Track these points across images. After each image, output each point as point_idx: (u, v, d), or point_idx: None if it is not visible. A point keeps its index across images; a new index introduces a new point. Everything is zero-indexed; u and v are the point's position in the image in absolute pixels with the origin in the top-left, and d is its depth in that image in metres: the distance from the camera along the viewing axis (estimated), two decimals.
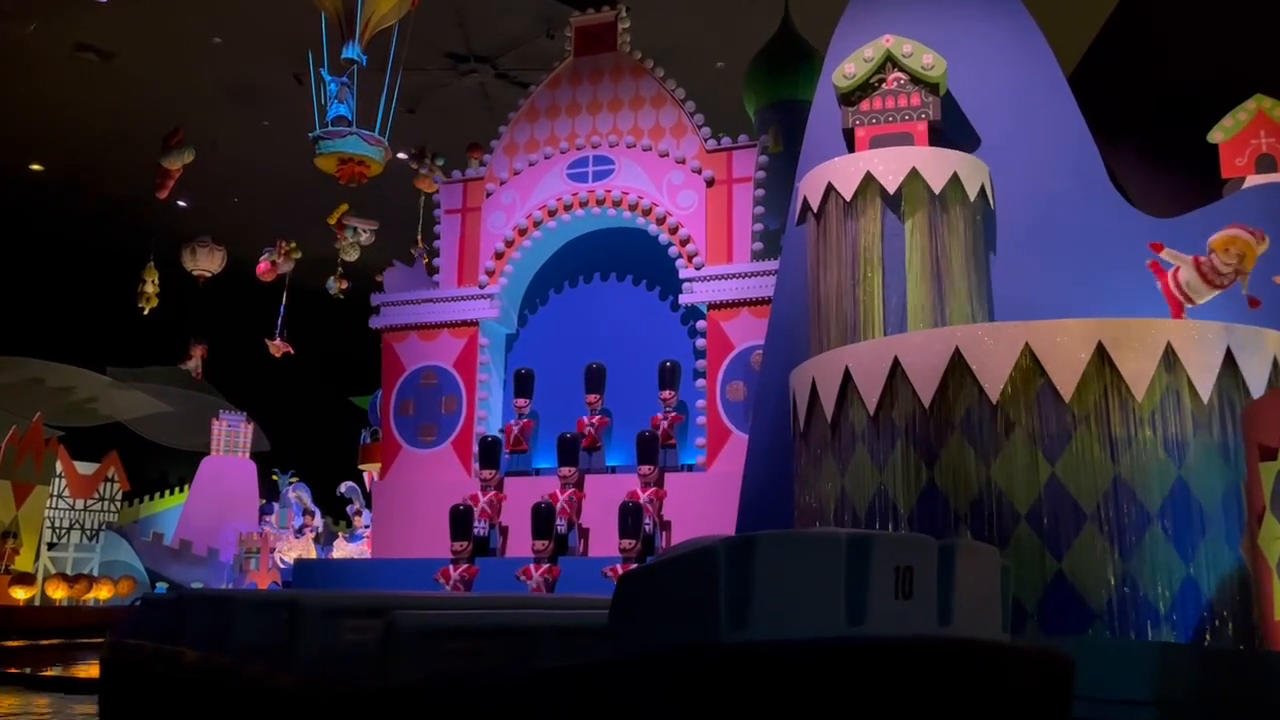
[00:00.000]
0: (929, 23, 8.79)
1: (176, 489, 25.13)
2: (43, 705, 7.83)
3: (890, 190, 8.11)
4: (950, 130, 8.58)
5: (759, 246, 10.90)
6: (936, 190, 8.06)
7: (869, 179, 8.16)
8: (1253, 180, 8.14)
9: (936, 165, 8.14)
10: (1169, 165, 8.87)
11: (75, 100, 19.89)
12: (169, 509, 24.71)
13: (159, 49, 18.41)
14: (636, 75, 11.70)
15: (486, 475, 10.97)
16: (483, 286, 11.76)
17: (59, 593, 18.76)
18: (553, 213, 11.64)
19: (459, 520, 10.42)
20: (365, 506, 17.46)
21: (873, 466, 6.94)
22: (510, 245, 11.78)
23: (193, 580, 20.42)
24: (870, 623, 2.55)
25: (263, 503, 22.19)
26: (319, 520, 19.32)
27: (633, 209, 11.33)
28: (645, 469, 10.39)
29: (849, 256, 8.20)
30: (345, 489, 18.15)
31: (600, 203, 11.45)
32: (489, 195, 12.00)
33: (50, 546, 20.95)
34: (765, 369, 9.24)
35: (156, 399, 25.87)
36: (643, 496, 10.20)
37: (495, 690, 2.67)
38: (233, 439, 23.88)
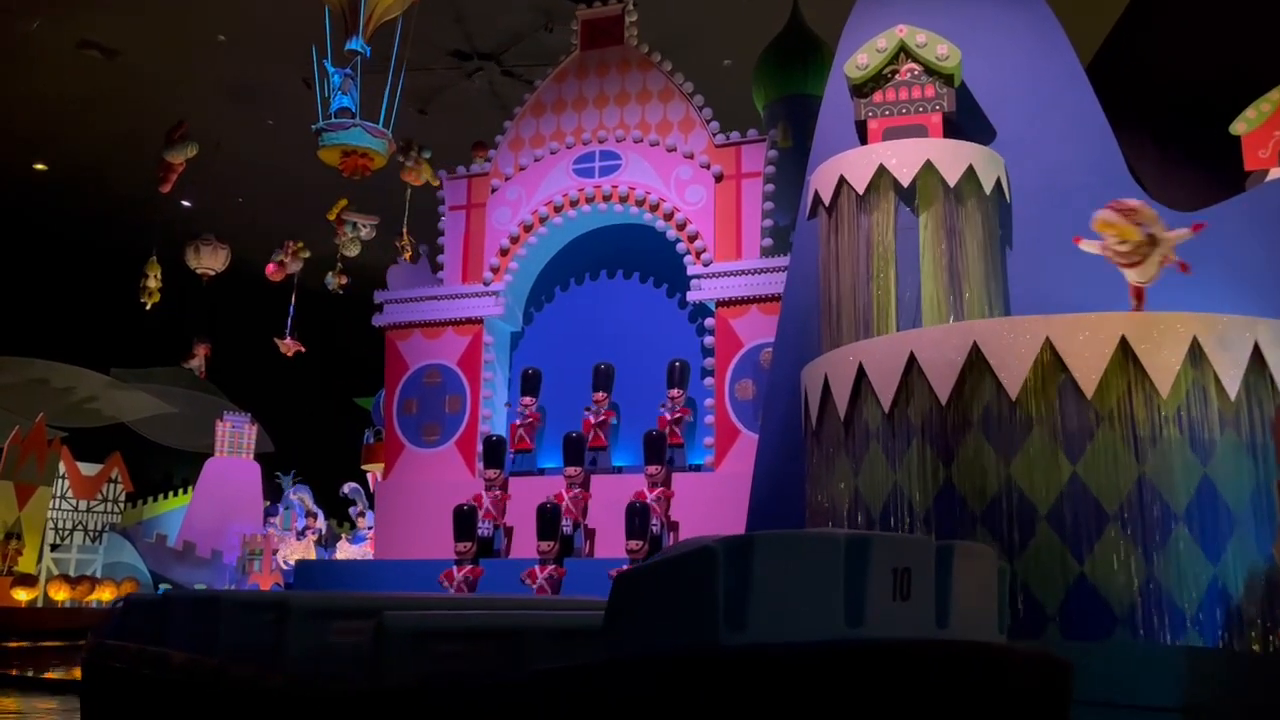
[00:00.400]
0: (943, 12, 8.62)
1: (180, 490, 25.05)
2: (45, 708, 7.68)
3: (904, 183, 7.94)
4: (965, 122, 8.41)
5: (768, 243, 10.72)
6: (951, 183, 7.89)
7: (882, 172, 7.99)
8: (1276, 173, 7.93)
9: (951, 158, 7.96)
10: (1190, 158, 8.67)
11: (79, 98, 19.81)
12: (173, 510, 24.63)
13: (163, 47, 18.32)
14: (644, 69, 11.53)
15: (491, 475, 10.80)
16: (487, 283, 11.59)
17: (61, 594, 18.64)
18: (559, 208, 11.48)
19: (463, 521, 10.25)
20: (368, 507, 17.31)
21: (887, 465, 6.76)
22: (515, 242, 11.61)
23: (196, 582, 20.31)
24: (869, 625, 2.52)
25: (267, 504, 22.10)
26: (322, 522, 19.18)
27: (640, 205, 11.15)
28: (652, 469, 10.21)
29: (861, 251, 8.03)
30: (348, 490, 18.01)
31: (607, 198, 11.27)
32: (494, 191, 11.83)
33: (53, 548, 20.89)
34: (775, 367, 9.06)
35: (160, 400, 25.80)
36: (650, 497, 10.03)
37: (488, 692, 2.62)
38: (237, 440, 23.78)
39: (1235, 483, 6.03)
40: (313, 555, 17.98)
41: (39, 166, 22.82)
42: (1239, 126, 8.13)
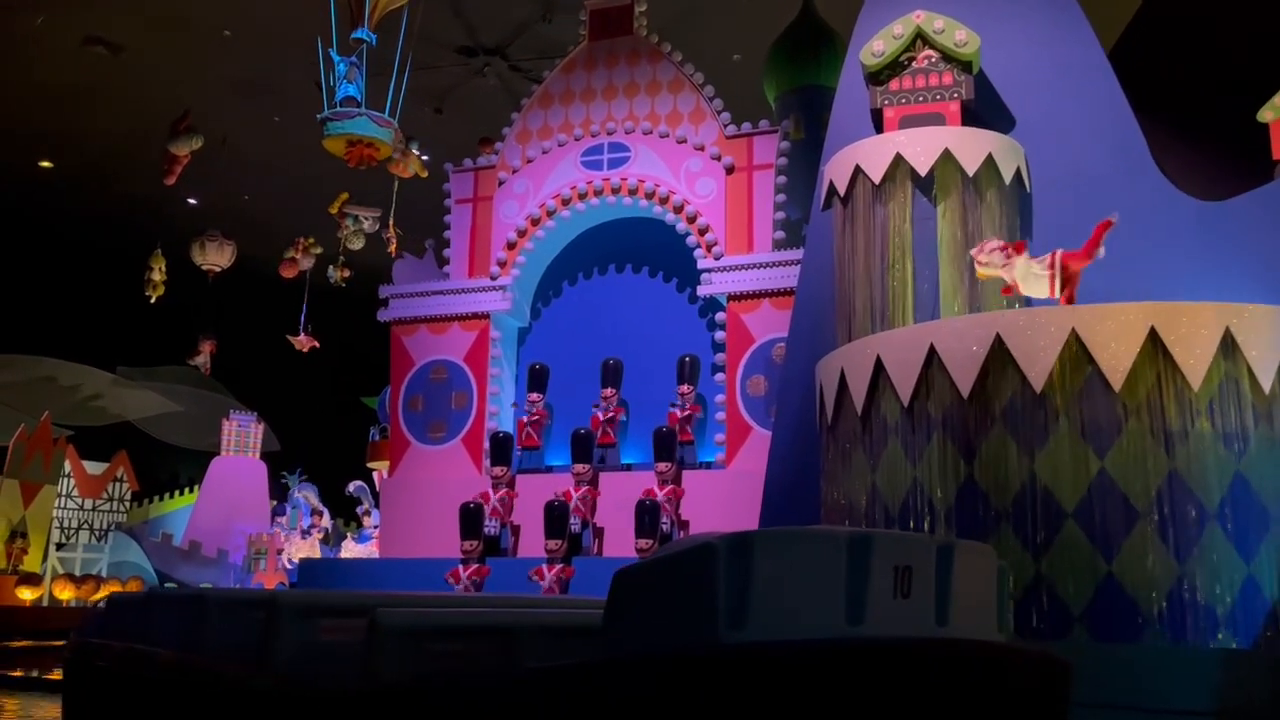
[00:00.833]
0: None
1: (186, 489, 24.99)
2: (48, 708, 7.52)
3: (921, 172, 7.73)
4: (983, 110, 8.19)
5: (781, 235, 10.52)
6: (970, 172, 7.68)
7: (899, 161, 7.78)
8: None
9: (970, 146, 7.75)
10: (1216, 146, 8.44)
11: (84, 95, 19.68)
12: (179, 509, 24.58)
13: (168, 42, 18.17)
14: (653, 59, 11.33)
15: (498, 473, 10.62)
16: (494, 278, 11.41)
17: (66, 593, 18.55)
18: (566, 201, 11.29)
19: (469, 519, 10.07)
20: (374, 506, 17.16)
21: (907, 461, 6.55)
22: (523, 235, 11.42)
23: (202, 581, 20.23)
24: (869, 623, 2.52)
25: (274, 504, 22.00)
26: (327, 520, 19.04)
27: (649, 197, 10.95)
28: (662, 466, 10.02)
29: (877, 242, 7.83)
30: (354, 488, 17.87)
31: (616, 191, 11.08)
32: (501, 184, 11.65)
33: (59, 547, 20.85)
34: (789, 362, 8.87)
35: (166, 398, 25.75)
36: (660, 495, 9.84)
37: (483, 691, 2.59)
38: (243, 439, 23.72)
39: (1270, 479, 5.81)
40: (318, 554, 17.83)
41: (44, 164, 22.72)
42: (1266, 114, 7.90)
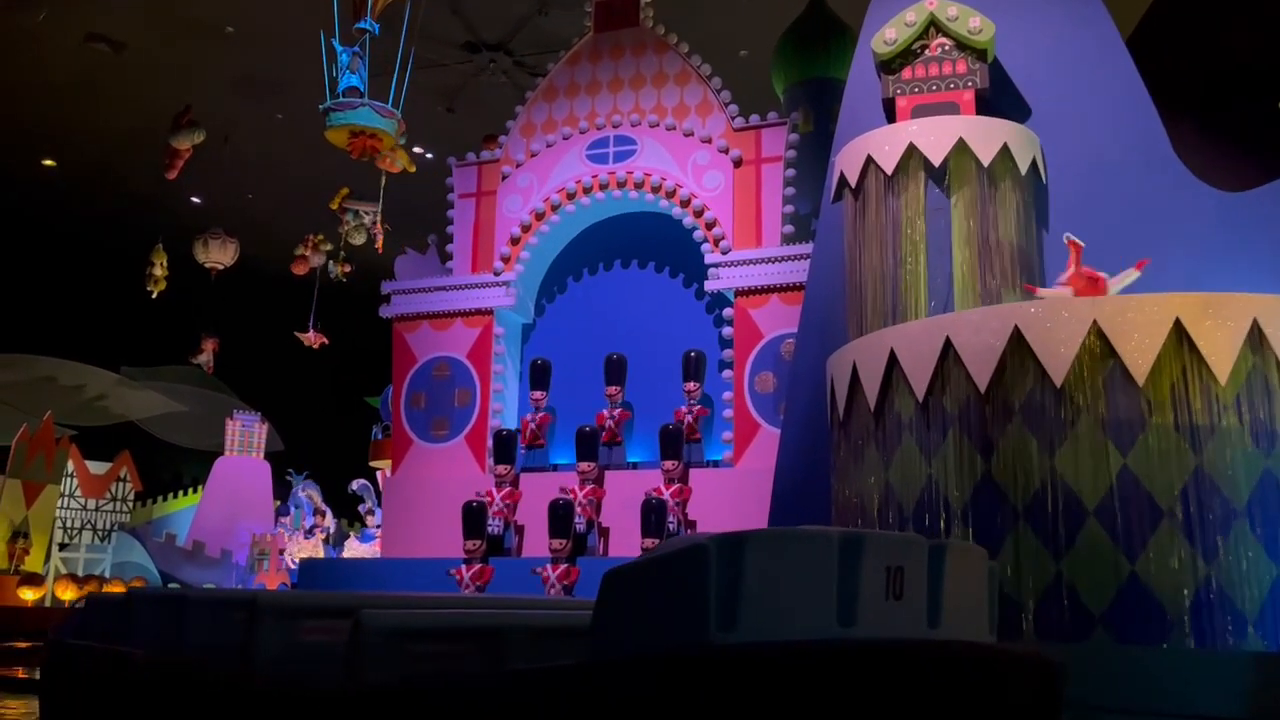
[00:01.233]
0: None
1: (190, 489, 24.89)
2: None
3: (935, 163, 7.54)
4: (998, 99, 8.01)
5: (790, 230, 10.32)
6: (985, 163, 7.49)
7: (912, 151, 7.60)
8: None
9: (985, 136, 7.56)
10: (1238, 135, 8.24)
11: (86, 93, 19.57)
12: (182, 509, 24.48)
13: (170, 39, 18.05)
14: (660, 51, 11.14)
15: (501, 471, 10.43)
16: (498, 274, 11.22)
17: (68, 594, 18.43)
18: (571, 196, 11.10)
19: (472, 518, 9.89)
20: (377, 505, 17.01)
21: (921, 458, 6.36)
22: (527, 230, 11.24)
23: (205, 582, 20.12)
24: (861, 624, 2.50)
25: (278, 503, 21.88)
26: (330, 520, 18.90)
27: (655, 191, 10.76)
28: (669, 465, 9.83)
29: (890, 235, 7.64)
30: (357, 487, 17.71)
31: (621, 185, 10.89)
32: (505, 178, 11.46)
33: (62, 547, 20.74)
34: (798, 357, 8.68)
35: (170, 398, 25.63)
36: (666, 494, 9.65)
37: (469, 693, 2.56)
38: (247, 439, 23.63)
39: None
40: (321, 554, 17.68)
41: (48, 163, 22.63)
42: None
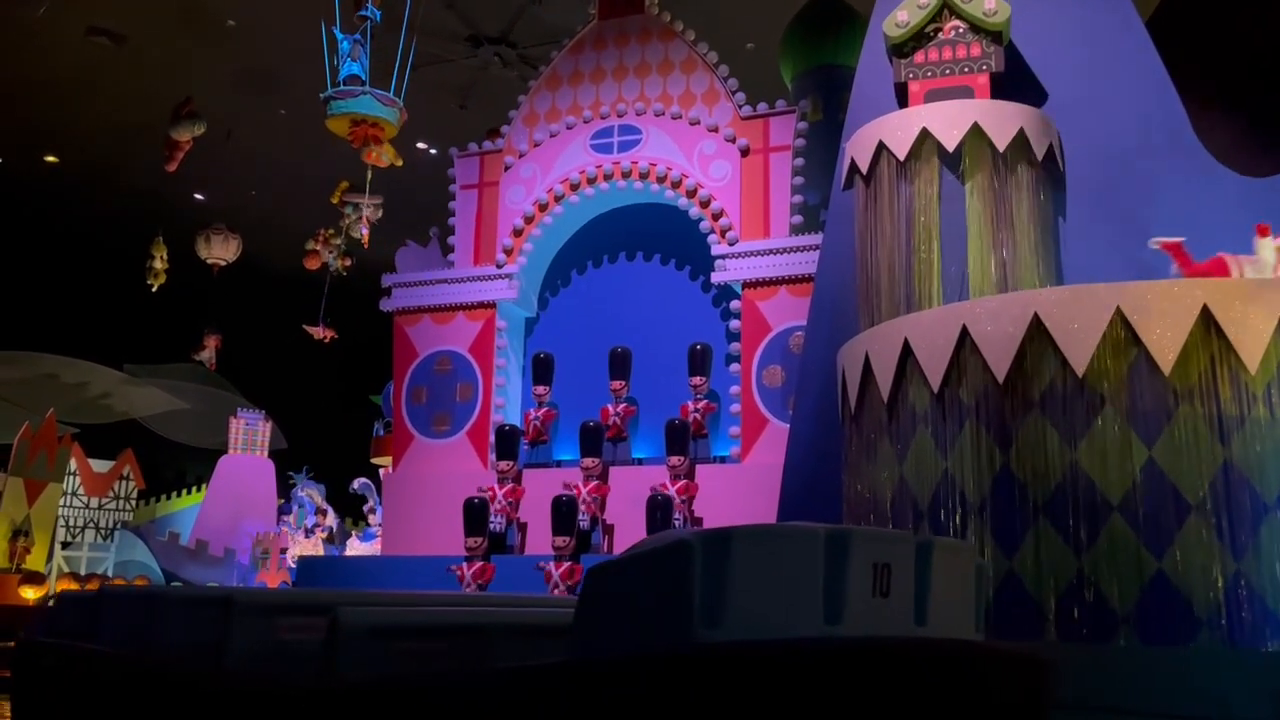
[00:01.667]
0: None
1: (194, 488, 24.76)
2: None
3: (949, 148, 7.31)
4: (1014, 84, 7.76)
5: (798, 220, 10.10)
6: (1001, 148, 7.26)
7: (925, 136, 7.37)
8: None
9: (1000, 120, 7.33)
10: (1261, 120, 7.99)
11: (89, 89, 19.43)
12: (186, 508, 24.34)
13: (172, 32, 17.90)
14: (665, 38, 10.92)
15: (504, 467, 10.23)
16: (500, 266, 11.01)
17: None
18: (575, 186, 10.89)
19: (473, 515, 9.69)
20: (380, 503, 16.83)
21: (937, 451, 6.13)
22: (530, 222, 11.03)
23: (209, 580, 19.97)
24: (847, 622, 2.49)
25: (281, 502, 21.74)
26: (332, 518, 18.72)
27: (661, 181, 10.54)
28: (675, 460, 9.61)
29: (902, 223, 7.42)
30: (358, 485, 17.53)
31: (626, 175, 10.67)
32: (507, 168, 11.26)
33: (64, 545, 20.66)
34: (808, 350, 8.46)
35: (173, 396, 25.49)
36: (672, 490, 9.43)
37: (448, 692, 2.52)
38: (251, 437, 23.46)
39: None
40: (322, 553, 17.50)
41: (50, 159, 22.51)
42: None
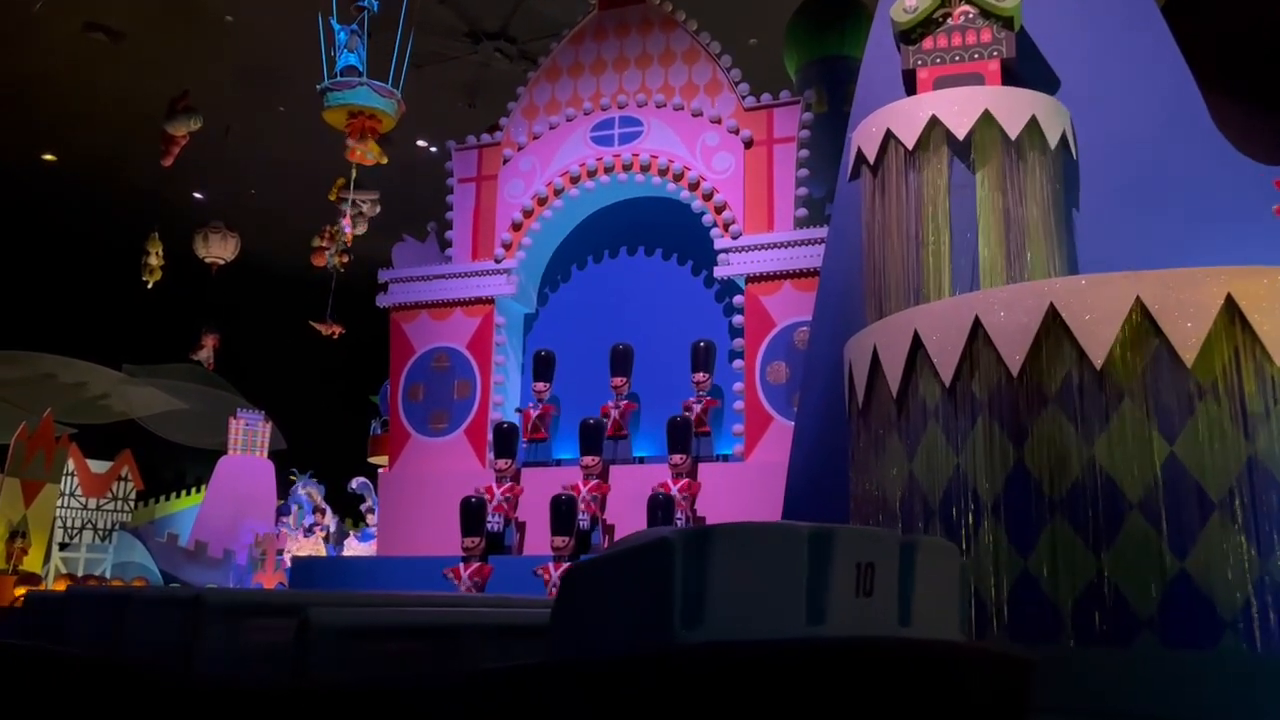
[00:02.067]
0: None
1: (193, 489, 24.60)
2: None
3: (959, 136, 7.11)
4: (1025, 70, 7.57)
5: (803, 213, 9.89)
6: (1013, 136, 7.06)
7: (934, 124, 7.17)
8: None
9: (1012, 107, 7.13)
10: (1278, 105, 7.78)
11: (88, 86, 19.29)
12: (185, 509, 24.17)
13: (169, 28, 17.74)
14: (667, 29, 10.72)
15: (502, 465, 10.02)
16: (499, 261, 10.81)
17: None
18: (575, 179, 10.68)
19: (470, 514, 9.48)
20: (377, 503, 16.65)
21: (948, 447, 5.91)
22: (529, 216, 10.82)
23: (208, 582, 19.81)
24: (830, 622, 2.46)
25: (280, 502, 21.58)
26: (330, 518, 18.53)
27: (663, 174, 10.34)
28: (676, 459, 9.41)
29: (911, 213, 7.22)
30: (356, 485, 17.35)
31: (627, 168, 10.46)
32: (506, 161, 11.05)
33: (62, 547, 20.52)
34: (813, 345, 8.26)
35: (172, 396, 25.33)
36: (674, 489, 9.23)
37: (420, 694, 2.48)
38: (251, 438, 23.27)
39: None
40: (321, 553, 17.32)
41: (48, 158, 22.36)
42: None
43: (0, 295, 22.75)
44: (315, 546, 17.47)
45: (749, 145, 10.11)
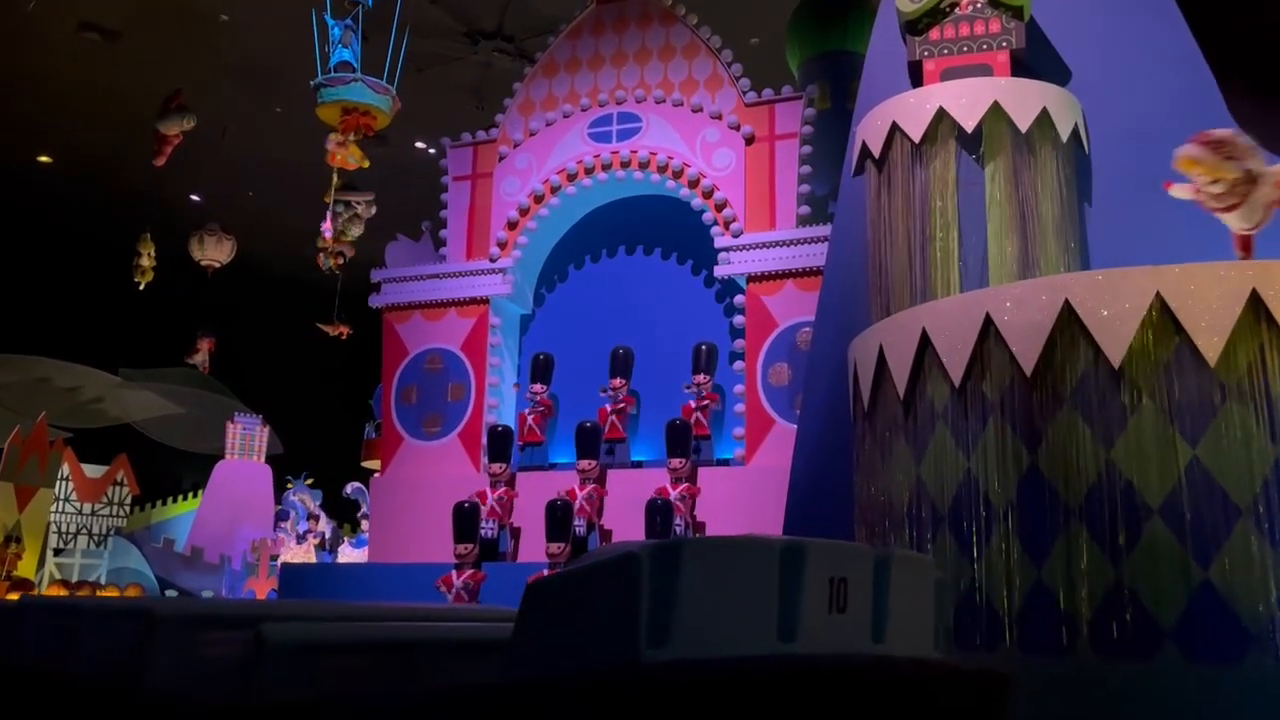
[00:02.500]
0: None
1: (190, 494, 24.42)
2: None
3: (967, 129, 6.88)
4: (1035, 61, 7.36)
5: (805, 211, 9.68)
6: (1023, 129, 6.84)
7: (942, 116, 6.93)
8: None
9: (1022, 99, 6.91)
10: None
11: (83, 86, 19.16)
12: (181, 514, 24.01)
13: (164, 28, 17.60)
14: (666, 23, 10.51)
15: (496, 470, 9.79)
16: (494, 260, 10.58)
17: None
18: (572, 177, 10.46)
19: (464, 520, 9.24)
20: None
21: (958, 450, 5.66)
22: (525, 214, 10.61)
23: (204, 588, 19.63)
24: (802, 639, 2.41)
25: (278, 508, 21.40)
26: (324, 524, 18.31)
27: (662, 171, 10.12)
28: (676, 463, 9.17)
29: (918, 210, 7.00)
30: (351, 490, 17.14)
31: (625, 165, 10.25)
32: (502, 159, 10.84)
33: (57, 552, 20.40)
34: (816, 345, 8.03)
35: (168, 400, 25.18)
36: (673, 494, 9.01)
37: (375, 713, 2.41)
38: (248, 443, 23.08)
39: None
40: (314, 559, 17.09)
41: (43, 159, 22.23)
42: None
43: None
44: (307, 554, 17.23)
45: (750, 141, 9.89)
